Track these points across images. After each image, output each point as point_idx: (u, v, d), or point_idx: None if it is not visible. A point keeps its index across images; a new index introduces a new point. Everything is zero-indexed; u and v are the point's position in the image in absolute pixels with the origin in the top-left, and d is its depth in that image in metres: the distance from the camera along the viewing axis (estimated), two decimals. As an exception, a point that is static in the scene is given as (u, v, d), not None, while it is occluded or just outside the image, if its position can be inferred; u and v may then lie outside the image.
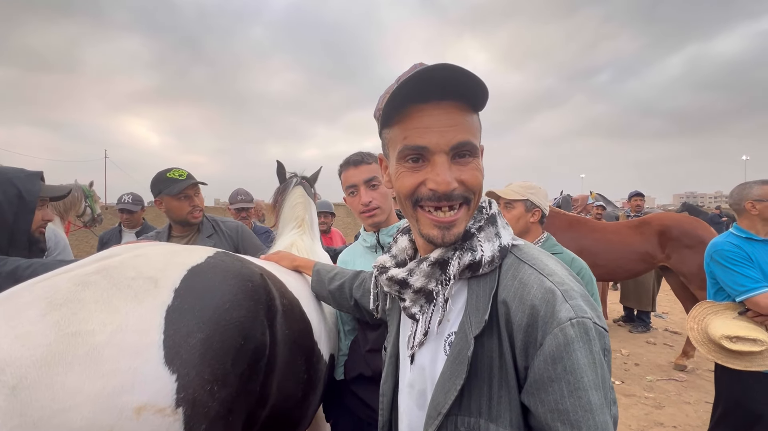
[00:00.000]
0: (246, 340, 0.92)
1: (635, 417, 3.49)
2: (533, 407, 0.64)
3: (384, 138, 0.81)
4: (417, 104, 0.71)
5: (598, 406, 0.59)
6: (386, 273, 0.85)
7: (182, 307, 0.85)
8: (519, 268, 0.72)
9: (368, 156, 1.57)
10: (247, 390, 0.93)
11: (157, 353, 0.76)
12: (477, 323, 0.70)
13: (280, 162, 2.22)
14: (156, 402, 0.72)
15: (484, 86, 0.69)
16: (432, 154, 0.71)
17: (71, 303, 0.76)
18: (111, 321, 0.76)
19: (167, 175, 2.15)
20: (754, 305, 2.12)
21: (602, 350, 0.63)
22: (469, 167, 0.72)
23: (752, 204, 2.22)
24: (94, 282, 0.83)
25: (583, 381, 0.59)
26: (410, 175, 0.73)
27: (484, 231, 0.78)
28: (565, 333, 0.61)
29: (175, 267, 0.95)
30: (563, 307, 0.63)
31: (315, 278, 1.51)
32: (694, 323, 2.33)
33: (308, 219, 2.11)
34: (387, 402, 0.93)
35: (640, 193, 6.43)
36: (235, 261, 1.11)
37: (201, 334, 0.83)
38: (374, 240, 1.58)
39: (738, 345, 2.09)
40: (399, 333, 0.93)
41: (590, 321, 0.63)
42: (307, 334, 1.34)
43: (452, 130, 0.70)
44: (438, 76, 0.67)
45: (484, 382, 0.70)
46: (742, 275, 2.15)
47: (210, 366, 0.82)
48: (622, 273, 4.75)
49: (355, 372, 1.50)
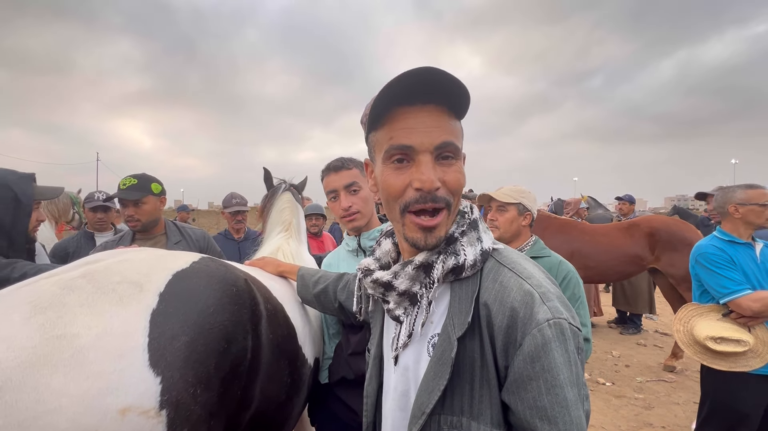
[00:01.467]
0: (229, 344, 0.94)
1: (625, 418, 3.53)
2: (513, 404, 0.67)
3: (370, 142, 0.83)
4: (402, 106, 0.74)
5: (573, 402, 0.63)
6: (371, 275, 0.87)
7: (167, 311, 0.87)
8: (499, 272, 0.75)
9: (349, 161, 1.59)
10: (229, 393, 0.95)
11: (142, 356, 0.78)
12: (460, 325, 0.73)
13: (267, 169, 2.25)
14: (140, 403, 0.74)
15: (467, 91, 0.73)
16: (417, 154, 0.73)
17: (56, 306, 0.78)
18: (96, 325, 0.77)
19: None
20: (736, 306, 2.16)
21: (576, 349, 0.67)
22: (452, 169, 0.75)
23: (735, 207, 2.26)
24: (79, 287, 0.84)
25: (559, 379, 0.63)
26: (396, 176, 0.75)
27: (466, 236, 0.80)
28: (543, 334, 0.64)
29: (160, 272, 0.97)
30: (541, 309, 0.66)
31: (300, 283, 1.52)
32: (680, 325, 2.36)
33: (295, 224, 2.13)
34: (371, 403, 0.95)
35: (624, 197, 6.54)
36: (219, 266, 1.13)
37: (185, 337, 0.85)
38: (356, 244, 1.61)
39: (722, 346, 2.12)
40: (383, 335, 0.95)
41: (566, 321, 0.66)
42: (291, 338, 1.36)
43: (437, 130, 0.72)
44: (423, 80, 0.70)
45: (466, 382, 0.72)
46: (725, 277, 2.19)
47: (194, 369, 0.84)
48: (612, 275, 4.80)
49: (339, 376, 1.52)
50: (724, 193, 2.36)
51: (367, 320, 1.08)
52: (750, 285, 2.16)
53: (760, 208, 2.21)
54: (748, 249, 2.25)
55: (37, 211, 1.78)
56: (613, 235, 4.72)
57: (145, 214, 2.17)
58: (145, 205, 2.16)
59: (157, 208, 2.24)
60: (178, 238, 2.32)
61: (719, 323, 2.22)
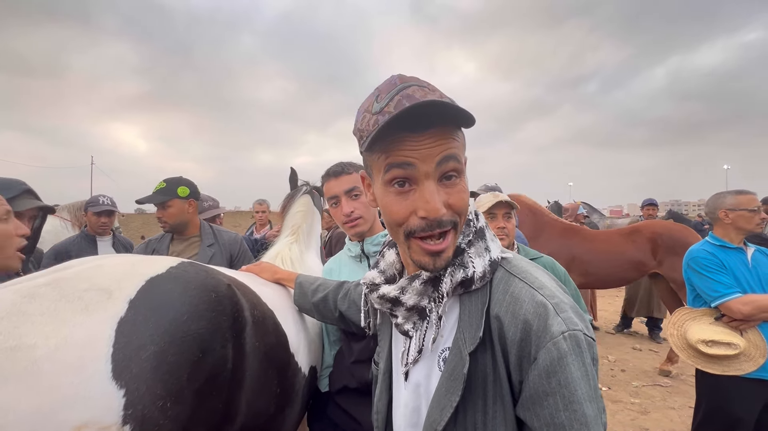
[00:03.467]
0: (205, 354, 0.89)
1: (621, 423, 3.50)
2: (529, 421, 0.64)
3: (367, 159, 0.78)
4: (404, 131, 0.69)
5: (592, 419, 0.60)
6: (377, 291, 0.84)
7: (136, 319, 0.82)
8: (510, 282, 0.72)
9: (349, 166, 1.55)
10: (206, 406, 0.90)
11: (104, 367, 0.73)
12: (471, 339, 0.70)
13: (293, 169, 2.24)
14: (100, 419, 0.69)
15: (473, 118, 0.69)
16: (419, 179, 0.69)
17: (13, 316, 0.73)
18: (55, 335, 0.72)
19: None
20: (726, 310, 2.16)
21: (592, 360, 0.64)
22: (455, 189, 0.71)
23: (725, 213, 2.28)
24: (42, 295, 0.79)
25: (577, 394, 0.60)
26: (398, 202, 0.72)
27: (474, 246, 0.77)
28: (558, 347, 0.62)
29: (133, 278, 0.92)
30: (555, 321, 0.64)
31: (297, 291, 1.48)
32: (673, 329, 2.37)
33: (305, 229, 2.08)
34: (382, 419, 0.92)
35: (653, 202, 6.30)
36: (199, 271, 1.08)
37: (154, 347, 0.80)
38: (359, 249, 1.57)
39: (713, 349, 2.13)
40: (391, 348, 0.92)
41: (581, 333, 0.64)
42: (282, 346, 1.30)
43: (438, 147, 0.69)
44: (429, 111, 0.66)
45: (479, 397, 0.70)
46: (716, 281, 2.20)
47: (162, 381, 0.78)
48: (614, 282, 4.78)
49: (340, 384, 1.47)
50: (714, 198, 2.38)
51: (376, 334, 1.04)
52: (741, 289, 2.16)
53: (750, 213, 2.22)
54: (739, 254, 2.26)
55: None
56: (615, 241, 4.70)
57: (171, 217, 2.30)
58: (170, 208, 2.28)
59: (184, 211, 2.34)
60: (211, 241, 2.43)
61: (711, 327, 2.22)
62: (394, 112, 0.66)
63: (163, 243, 2.39)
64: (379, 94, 0.72)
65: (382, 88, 0.72)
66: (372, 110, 0.71)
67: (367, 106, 0.73)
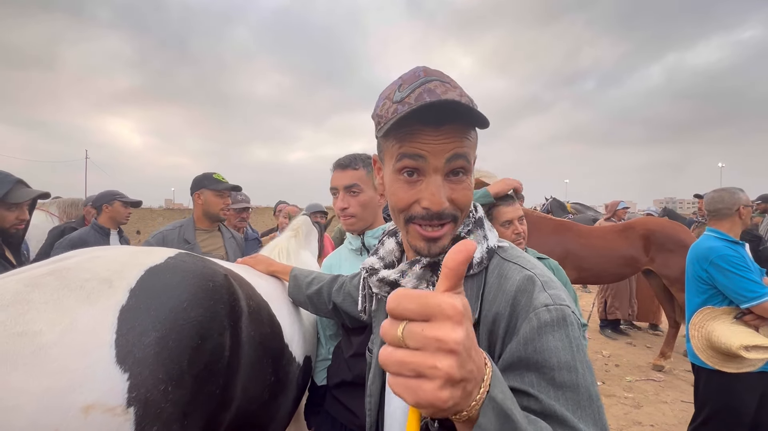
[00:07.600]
0: (204, 340, 0.92)
1: (615, 417, 3.54)
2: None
3: (380, 143, 0.80)
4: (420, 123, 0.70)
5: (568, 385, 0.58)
6: (376, 274, 0.86)
7: (137, 307, 0.84)
8: (503, 266, 0.74)
9: (355, 161, 1.56)
10: (205, 391, 0.92)
11: (109, 352, 0.75)
12: None
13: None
14: (105, 401, 0.72)
15: (487, 122, 0.70)
16: (428, 170, 0.71)
17: (19, 304, 0.75)
18: (60, 321, 0.75)
19: (213, 175, 2.57)
20: (763, 311, 2.09)
21: (581, 336, 0.63)
22: (461, 186, 0.73)
23: (744, 209, 2.27)
24: (45, 284, 0.82)
25: (550, 362, 0.59)
26: (405, 189, 0.74)
27: (473, 235, 0.80)
28: (539, 318, 0.62)
29: (132, 268, 0.94)
30: (541, 295, 0.64)
31: (292, 283, 1.50)
32: (694, 331, 2.29)
33: (305, 230, 2.29)
34: (374, 402, 0.93)
35: (701, 195, 6.06)
36: (196, 261, 1.10)
37: (156, 333, 0.83)
38: (359, 243, 1.59)
39: (752, 354, 2.05)
40: None
41: (568, 309, 0.63)
42: (276, 336, 1.33)
43: (450, 144, 0.70)
44: (444, 109, 0.68)
45: None
46: (750, 281, 2.12)
47: (164, 366, 0.81)
48: (607, 277, 4.81)
49: (338, 378, 1.49)
50: (729, 194, 2.31)
51: (369, 321, 1.06)
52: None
53: (749, 209, 2.28)
54: (743, 249, 2.25)
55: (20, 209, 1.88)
56: (608, 237, 4.73)
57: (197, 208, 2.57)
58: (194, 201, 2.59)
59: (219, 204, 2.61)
60: (229, 235, 2.70)
61: (735, 327, 2.16)
62: (414, 104, 0.67)
63: (190, 232, 2.54)
64: (401, 84, 0.73)
65: (406, 78, 0.73)
66: (393, 98, 0.72)
67: (388, 93, 0.75)
